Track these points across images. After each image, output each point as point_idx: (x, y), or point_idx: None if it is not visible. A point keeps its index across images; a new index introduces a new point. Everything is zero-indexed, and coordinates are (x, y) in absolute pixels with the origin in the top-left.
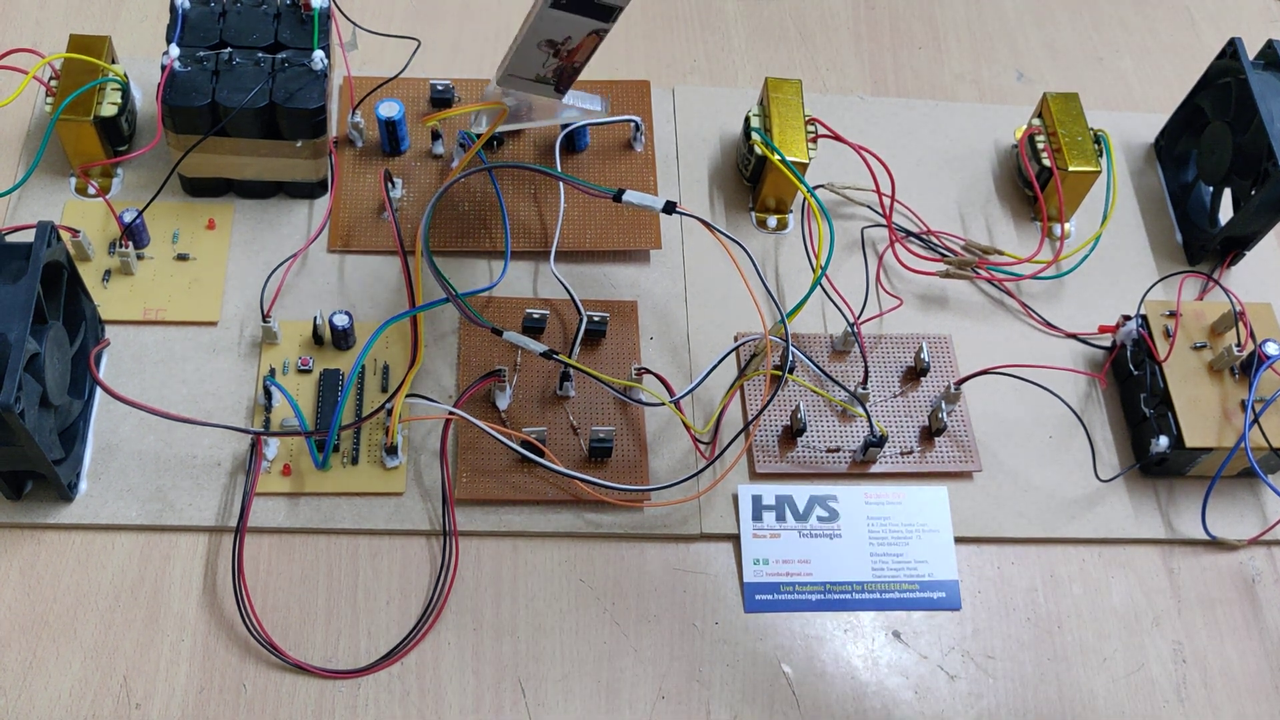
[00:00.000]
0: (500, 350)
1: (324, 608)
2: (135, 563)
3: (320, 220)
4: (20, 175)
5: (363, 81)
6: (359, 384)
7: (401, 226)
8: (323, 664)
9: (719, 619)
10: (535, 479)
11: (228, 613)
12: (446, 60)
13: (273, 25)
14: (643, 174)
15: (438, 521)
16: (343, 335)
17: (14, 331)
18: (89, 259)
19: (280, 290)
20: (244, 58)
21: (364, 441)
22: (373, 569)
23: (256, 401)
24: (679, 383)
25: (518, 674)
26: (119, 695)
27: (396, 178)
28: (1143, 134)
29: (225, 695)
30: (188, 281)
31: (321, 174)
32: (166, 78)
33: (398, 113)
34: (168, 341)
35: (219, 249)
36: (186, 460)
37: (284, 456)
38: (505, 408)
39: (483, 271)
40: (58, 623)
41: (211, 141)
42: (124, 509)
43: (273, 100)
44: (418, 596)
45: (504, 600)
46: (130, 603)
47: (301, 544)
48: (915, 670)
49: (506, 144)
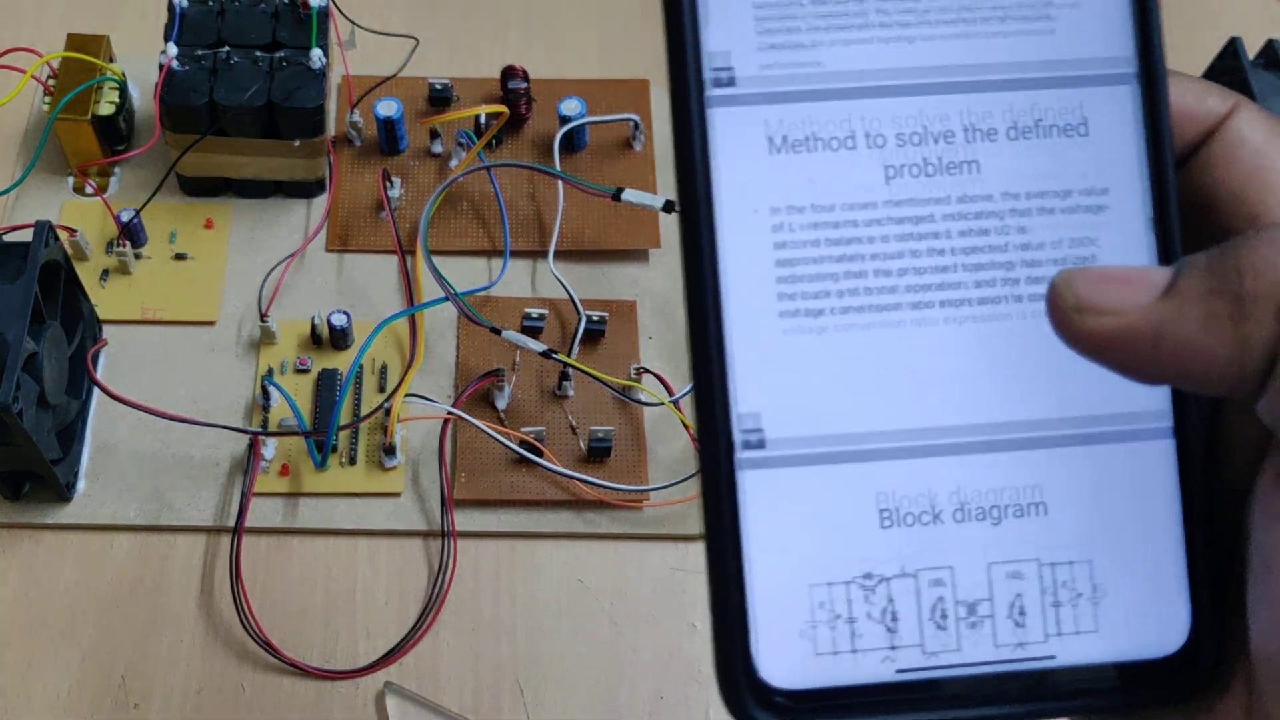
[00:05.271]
0: (499, 350)
1: (322, 608)
2: (133, 563)
3: (318, 220)
4: (18, 174)
5: (361, 80)
6: (357, 384)
7: (400, 226)
8: (321, 664)
9: None
10: (534, 479)
11: (226, 613)
12: (445, 59)
13: (271, 24)
14: (642, 173)
15: (436, 521)
16: (341, 335)
17: (12, 331)
18: (86, 258)
19: (278, 290)
20: (242, 56)
21: (362, 441)
22: (371, 569)
23: (255, 401)
24: (678, 382)
25: (516, 674)
26: (117, 695)
27: (395, 177)
28: None
29: (224, 695)
30: (185, 281)
31: (319, 173)
32: (164, 76)
33: (396, 112)
34: (165, 341)
35: (217, 248)
36: (184, 460)
37: (282, 456)
38: (504, 407)
39: (481, 270)
40: (56, 623)
41: (209, 141)
42: (122, 509)
43: (271, 99)
44: (416, 597)
45: (503, 600)
46: (128, 603)
47: (300, 544)
48: None
49: (506, 143)
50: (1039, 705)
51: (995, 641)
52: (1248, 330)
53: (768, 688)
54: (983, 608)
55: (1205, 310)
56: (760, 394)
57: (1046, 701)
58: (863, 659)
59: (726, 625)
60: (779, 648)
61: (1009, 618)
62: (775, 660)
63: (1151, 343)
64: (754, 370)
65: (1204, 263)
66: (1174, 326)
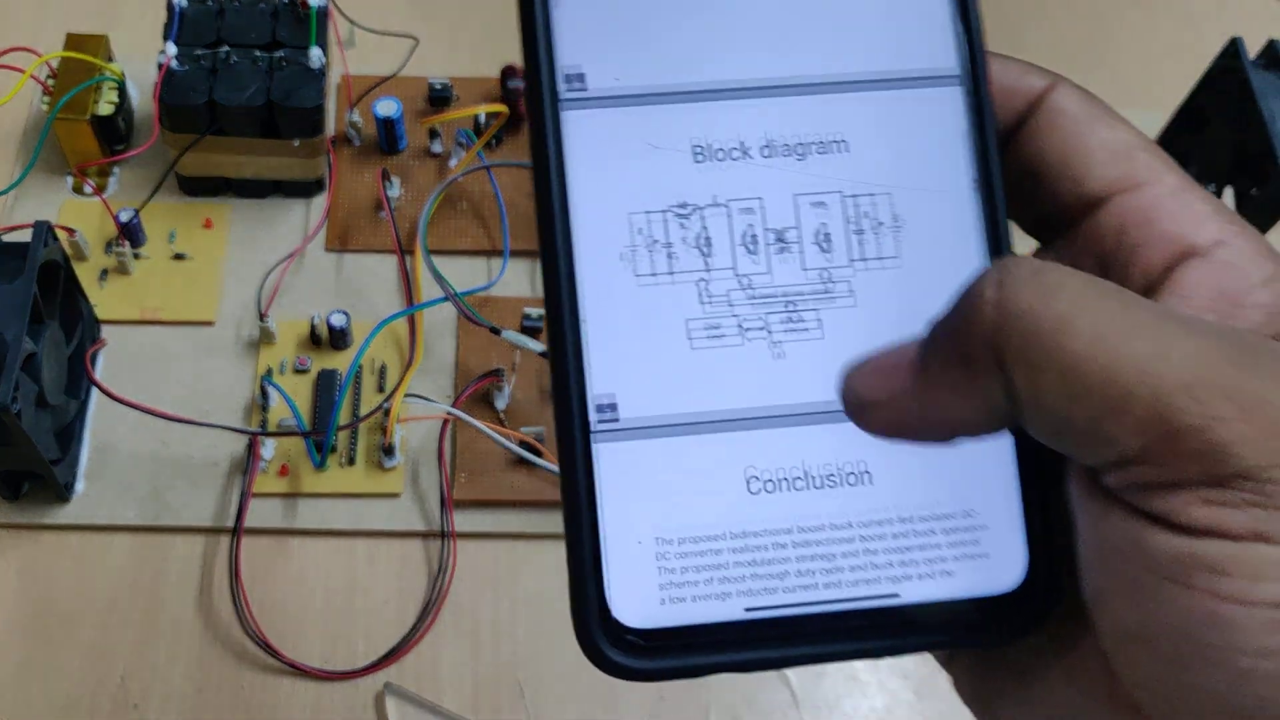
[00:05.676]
0: (498, 350)
1: (321, 609)
2: (132, 563)
3: (317, 219)
4: (17, 174)
5: (360, 80)
6: (356, 384)
7: (399, 225)
8: (320, 665)
9: None
10: (534, 479)
11: (225, 613)
12: (445, 59)
13: (270, 23)
14: None
15: (435, 522)
16: (340, 335)
17: (10, 331)
18: (85, 258)
19: (277, 290)
20: (241, 56)
21: (361, 442)
22: (370, 570)
23: (254, 401)
24: None
25: (516, 675)
26: (116, 695)
27: (394, 176)
28: (1144, 132)
29: (223, 696)
30: (184, 281)
31: (319, 173)
32: (164, 76)
33: (396, 111)
34: (164, 341)
35: (216, 248)
36: (183, 460)
37: (281, 457)
38: (503, 408)
39: (481, 270)
40: (55, 623)
41: (208, 140)
42: (121, 509)
43: (270, 99)
44: (415, 597)
45: (502, 601)
46: (128, 603)
47: (299, 545)
48: (916, 671)
49: (505, 142)
50: (882, 642)
51: (821, 473)
52: (983, 386)
53: (621, 627)
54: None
55: (947, 380)
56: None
57: (888, 639)
58: (714, 602)
59: (580, 568)
60: (631, 589)
61: (814, 243)
62: (628, 601)
63: (920, 420)
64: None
65: (940, 332)
66: (932, 403)
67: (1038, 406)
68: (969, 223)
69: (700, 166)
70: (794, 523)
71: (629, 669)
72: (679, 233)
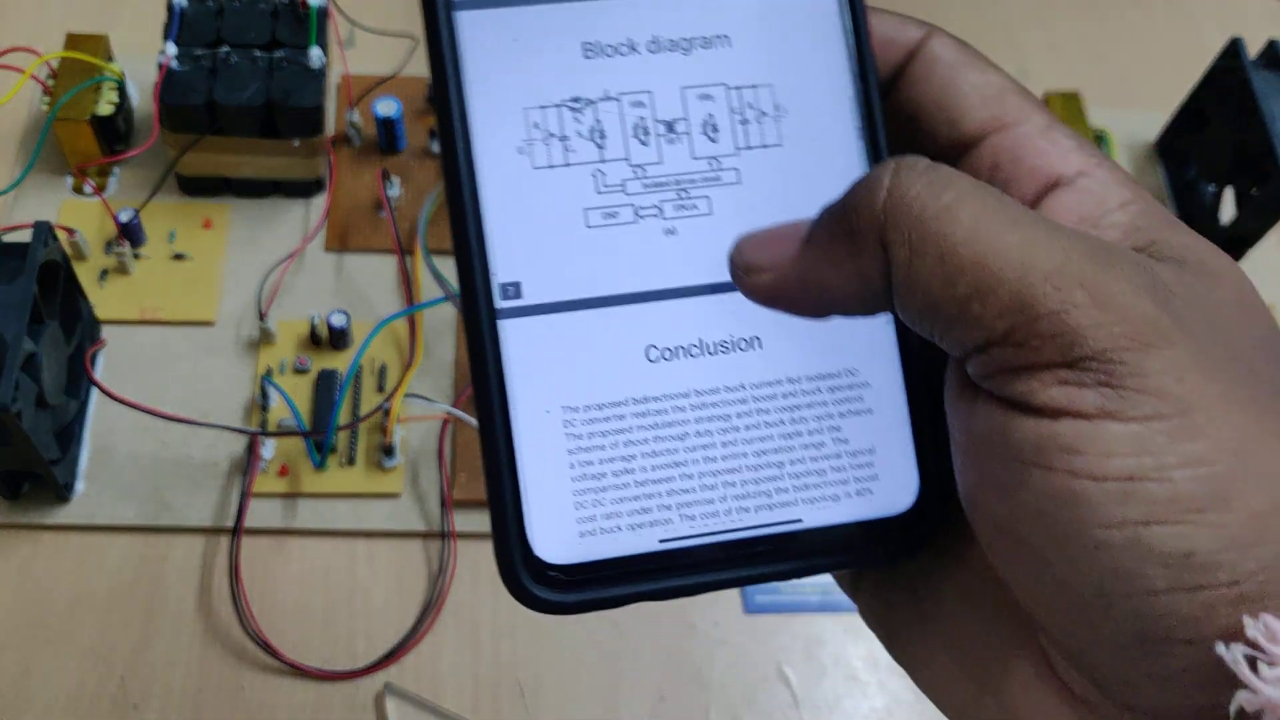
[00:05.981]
0: None
1: (321, 609)
2: (132, 563)
3: (317, 219)
4: (17, 174)
5: (360, 80)
6: (356, 384)
7: (399, 225)
8: (320, 665)
9: (719, 620)
10: None
11: (225, 614)
12: None
13: (270, 23)
14: None
15: (435, 522)
16: (340, 335)
17: (10, 331)
18: (85, 258)
19: (277, 290)
20: (241, 56)
21: (361, 442)
22: (370, 570)
23: (254, 401)
24: None
25: (516, 675)
26: (116, 696)
27: (394, 176)
28: (1145, 132)
29: (223, 696)
30: (184, 281)
31: (318, 173)
32: (163, 76)
33: (395, 111)
34: (164, 341)
35: (216, 248)
36: (183, 461)
37: (281, 457)
38: None
39: None
40: (55, 623)
41: (208, 140)
42: (121, 510)
43: (270, 98)
44: (415, 597)
45: (502, 601)
46: (128, 604)
47: (299, 545)
48: None
49: None
50: (787, 565)
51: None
52: (863, 263)
53: (542, 563)
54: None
55: (831, 253)
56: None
57: (793, 562)
58: (629, 533)
59: (502, 508)
60: (551, 526)
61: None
62: (548, 537)
63: (800, 288)
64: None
65: (830, 210)
66: (812, 273)
67: (912, 287)
68: (845, 110)
69: (591, 63)
70: (691, 386)
71: (552, 603)
72: (574, 125)
